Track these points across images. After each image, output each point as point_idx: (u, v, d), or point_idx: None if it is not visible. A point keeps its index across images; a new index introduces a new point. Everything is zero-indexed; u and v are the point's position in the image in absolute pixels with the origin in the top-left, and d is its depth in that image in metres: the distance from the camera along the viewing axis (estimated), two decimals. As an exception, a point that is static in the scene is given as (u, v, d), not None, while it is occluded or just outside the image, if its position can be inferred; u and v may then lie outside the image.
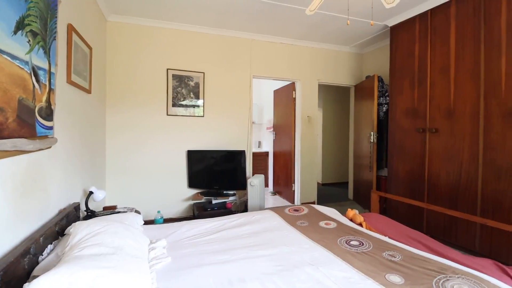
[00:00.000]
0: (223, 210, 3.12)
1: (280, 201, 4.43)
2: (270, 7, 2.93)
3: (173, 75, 3.40)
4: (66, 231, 1.53)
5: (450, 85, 2.64)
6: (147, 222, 2.66)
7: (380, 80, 3.76)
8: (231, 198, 3.39)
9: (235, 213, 2.61)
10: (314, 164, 4.24)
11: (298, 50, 4.05)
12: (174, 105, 3.42)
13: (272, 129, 5.07)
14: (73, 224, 1.49)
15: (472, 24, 2.47)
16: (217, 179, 3.44)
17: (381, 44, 4.04)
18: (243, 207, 3.53)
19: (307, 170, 4.14)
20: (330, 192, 5.11)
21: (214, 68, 3.58)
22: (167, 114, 3.38)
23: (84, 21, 2.29)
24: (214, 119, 3.60)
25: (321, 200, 4.32)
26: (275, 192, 4.87)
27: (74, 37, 1.98)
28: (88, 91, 2.36)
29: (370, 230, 2.02)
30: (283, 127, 4.54)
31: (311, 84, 4.16)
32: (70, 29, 1.90)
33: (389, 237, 1.88)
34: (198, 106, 3.52)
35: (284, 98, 4.50)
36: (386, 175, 3.51)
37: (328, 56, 4.25)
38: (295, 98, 4.15)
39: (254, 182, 3.21)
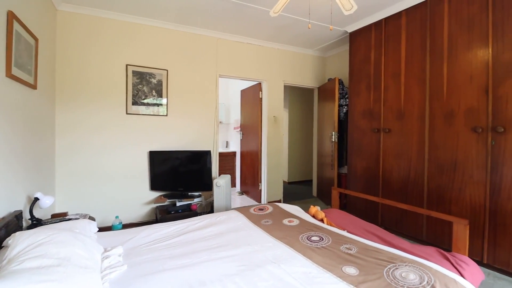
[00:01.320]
0: (188, 212, 3.04)
1: (247, 200, 4.45)
2: (235, 7, 2.92)
3: (134, 72, 3.22)
4: (4, 243, 1.36)
5: (401, 89, 2.88)
6: (104, 229, 2.49)
7: (341, 83, 3.96)
8: (196, 200, 3.32)
9: (200, 215, 2.56)
10: (280, 163, 4.32)
11: (265, 51, 4.10)
12: (134, 103, 3.24)
13: (239, 129, 5.07)
14: (12, 234, 1.33)
15: (419, 35, 2.71)
16: (181, 181, 3.34)
17: (342, 49, 4.26)
18: (209, 208, 3.48)
19: (274, 169, 4.21)
20: (296, 190, 5.26)
21: (178, 66, 3.47)
22: (127, 113, 3.19)
23: (29, 8, 2.06)
24: (179, 118, 3.49)
25: (287, 198, 4.43)
26: (242, 192, 4.88)
27: (16, 26, 1.78)
28: (33, 87, 2.13)
29: (330, 225, 2.12)
30: (250, 127, 4.56)
31: (277, 85, 4.24)
32: (11, 16, 1.70)
33: (347, 231, 1.99)
34: (161, 104, 3.38)
35: (251, 98, 4.52)
36: (346, 173, 3.71)
37: (293, 58, 4.37)
38: (261, 98, 4.20)
39: (220, 182, 3.18)
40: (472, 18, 2.30)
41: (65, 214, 2.23)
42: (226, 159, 5.18)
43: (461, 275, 1.48)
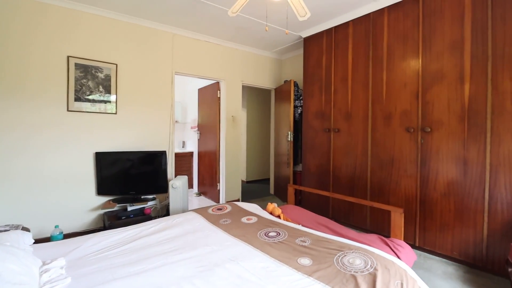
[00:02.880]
0: (142, 217, 2.86)
1: (205, 201, 4.37)
2: (191, 2, 2.85)
3: (77, 64, 2.91)
4: None
5: (348, 92, 3.14)
6: (42, 241, 2.20)
7: (296, 85, 4.16)
8: (150, 203, 3.14)
9: (155, 219, 2.43)
10: (239, 163, 4.35)
11: (224, 50, 4.08)
12: (78, 99, 2.93)
13: (196, 128, 4.95)
14: None
15: (364, 44, 2.99)
16: (134, 184, 3.13)
17: (297, 53, 4.46)
18: (165, 212, 3.33)
19: (232, 168, 4.22)
20: (254, 189, 5.35)
21: (129, 60, 3.24)
22: (68, 110, 2.87)
23: None
24: (130, 117, 3.26)
25: (245, 197, 4.48)
26: (200, 193, 4.78)
27: None
28: None
29: (287, 220, 2.21)
30: (208, 127, 4.49)
31: (235, 85, 4.25)
32: None
33: (302, 225, 2.10)
34: (109, 101, 3.12)
35: (209, 97, 4.46)
36: (301, 170, 3.90)
37: (252, 59, 4.43)
38: (219, 97, 4.17)
39: (177, 184, 3.06)
40: (406, 32, 2.62)
41: (-11, 226, 1.92)
42: (183, 159, 5.01)
43: (398, 257, 1.69)
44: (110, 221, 2.77)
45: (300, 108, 4.10)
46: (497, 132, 2.08)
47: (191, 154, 5.17)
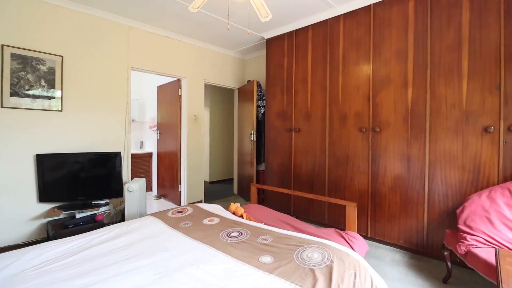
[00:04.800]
0: (92, 224, 2.63)
1: (165, 204, 4.19)
2: (149, -5, 2.70)
3: (13, 55, 2.56)
4: None
5: (308, 94, 3.27)
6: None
7: (259, 85, 4.20)
8: (103, 209, 2.90)
9: (109, 225, 2.26)
10: (202, 163, 4.25)
11: (185, 47, 3.95)
12: (14, 94, 2.58)
13: (156, 127, 4.71)
14: None
15: (322, 48, 3.14)
16: (83, 188, 2.86)
17: (260, 53, 4.51)
18: (120, 217, 3.11)
19: (194, 169, 4.11)
20: (217, 189, 5.28)
21: (78, 53, 2.95)
22: (2, 106, 2.51)
23: None
24: (79, 115, 2.97)
25: (209, 198, 4.40)
26: (160, 196, 4.56)
27: None
28: None
29: (249, 220, 2.22)
30: (169, 126, 4.31)
31: (197, 83, 4.14)
32: None
33: (264, 223, 2.13)
34: (53, 97, 2.81)
35: (169, 95, 4.27)
36: (264, 169, 3.96)
37: (215, 58, 4.36)
38: (181, 96, 4.02)
39: (133, 187, 2.88)
40: (360, 39, 2.82)
41: None
42: (141, 161, 4.73)
43: (352, 248, 1.80)
44: (55, 230, 2.49)
45: (263, 108, 4.15)
46: (434, 131, 2.34)
47: (150, 154, 4.91)
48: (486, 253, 1.64)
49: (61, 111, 2.85)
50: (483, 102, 2.12)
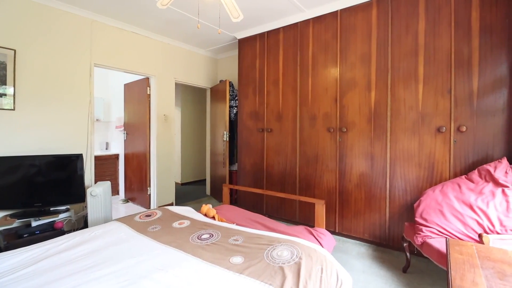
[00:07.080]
0: (51, 233, 2.42)
1: (133, 208, 4.00)
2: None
3: (-49, 47, 2.29)
4: None
5: (279, 94, 3.33)
6: None
7: (231, 85, 4.18)
8: (63, 215, 2.69)
9: (69, 233, 2.10)
10: (172, 164, 4.13)
11: (154, 44, 3.80)
12: (-46, 91, 2.30)
13: (123, 128, 4.48)
14: None
15: (292, 50, 3.21)
16: (40, 194, 2.63)
17: (233, 53, 4.49)
18: (83, 224, 2.91)
19: (165, 171, 3.98)
20: (189, 191, 5.17)
21: (33, 46, 2.70)
22: None
23: None
24: (35, 114, 2.73)
25: (180, 200, 4.29)
26: (127, 199, 4.35)
27: None
28: None
29: (221, 221, 2.21)
30: (137, 126, 4.12)
31: (168, 82, 4.01)
32: None
33: (236, 224, 2.13)
34: (4, 95, 2.55)
35: (137, 94, 4.09)
36: (236, 169, 3.95)
37: (186, 56, 4.25)
38: (149, 94, 3.87)
39: (96, 191, 2.71)
40: (328, 43, 2.93)
41: None
42: (106, 163, 4.48)
43: (321, 244, 1.87)
44: (7, 241, 2.26)
45: (235, 108, 4.14)
46: (394, 131, 2.51)
47: (116, 156, 4.66)
48: (439, 243, 1.80)
49: (13, 109, 2.60)
50: (436, 104, 2.31)
